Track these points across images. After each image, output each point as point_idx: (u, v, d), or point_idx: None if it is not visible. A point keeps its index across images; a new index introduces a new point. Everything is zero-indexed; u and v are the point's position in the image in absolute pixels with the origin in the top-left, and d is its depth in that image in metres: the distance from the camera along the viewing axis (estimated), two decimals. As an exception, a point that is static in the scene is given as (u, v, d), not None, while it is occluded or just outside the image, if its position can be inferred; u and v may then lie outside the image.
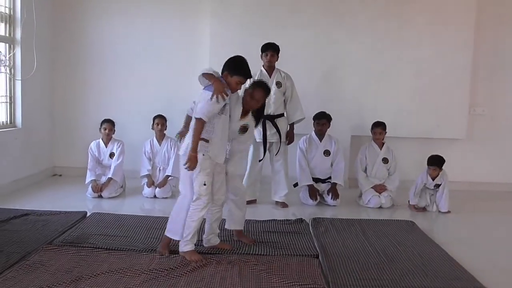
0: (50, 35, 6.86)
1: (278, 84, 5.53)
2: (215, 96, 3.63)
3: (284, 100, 5.63)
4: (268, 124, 5.52)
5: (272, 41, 5.52)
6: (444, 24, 6.61)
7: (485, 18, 6.71)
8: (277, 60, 5.56)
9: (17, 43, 6.07)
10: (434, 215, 5.59)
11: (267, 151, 5.58)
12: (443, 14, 6.61)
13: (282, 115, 5.62)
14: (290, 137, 5.66)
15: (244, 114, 4.02)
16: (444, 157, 5.67)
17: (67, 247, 3.98)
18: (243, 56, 3.88)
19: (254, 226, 4.72)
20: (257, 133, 5.53)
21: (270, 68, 5.56)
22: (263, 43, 5.53)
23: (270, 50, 5.47)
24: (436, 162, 5.65)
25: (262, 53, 5.52)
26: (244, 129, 4.03)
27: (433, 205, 5.68)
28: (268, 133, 5.52)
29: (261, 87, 4.02)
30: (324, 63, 6.66)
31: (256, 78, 5.49)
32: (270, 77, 5.52)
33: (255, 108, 4.06)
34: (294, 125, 5.70)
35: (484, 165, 6.98)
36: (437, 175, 5.66)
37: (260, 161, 5.62)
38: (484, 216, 5.73)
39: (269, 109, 5.45)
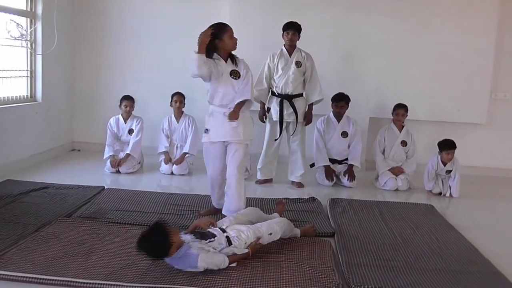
0: (71, 10, 6.87)
1: (298, 64, 5.47)
2: None
3: (304, 80, 5.59)
4: (286, 104, 5.49)
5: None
6: (468, 7, 6.45)
7: (510, 1, 6.53)
8: (298, 40, 5.50)
9: (38, 18, 6.09)
10: (452, 200, 5.53)
11: (283, 131, 5.58)
12: (467, -4, 6.47)
13: (300, 95, 5.57)
14: (308, 118, 5.61)
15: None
16: (457, 142, 5.58)
17: (81, 220, 4.04)
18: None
19: (268, 204, 4.72)
20: (274, 112, 5.53)
21: (291, 47, 5.50)
22: (285, 22, 5.47)
23: (292, 29, 5.41)
24: (449, 145, 5.54)
25: (283, 32, 5.46)
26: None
27: (447, 191, 5.62)
28: (285, 112, 5.50)
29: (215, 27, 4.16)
30: (344, 44, 6.57)
31: (276, 57, 5.50)
32: (290, 56, 5.47)
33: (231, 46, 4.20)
34: (313, 106, 5.66)
35: (504, 151, 6.85)
36: (451, 160, 5.59)
37: (275, 140, 5.62)
38: (503, 202, 5.66)
39: (288, 89, 5.44)
